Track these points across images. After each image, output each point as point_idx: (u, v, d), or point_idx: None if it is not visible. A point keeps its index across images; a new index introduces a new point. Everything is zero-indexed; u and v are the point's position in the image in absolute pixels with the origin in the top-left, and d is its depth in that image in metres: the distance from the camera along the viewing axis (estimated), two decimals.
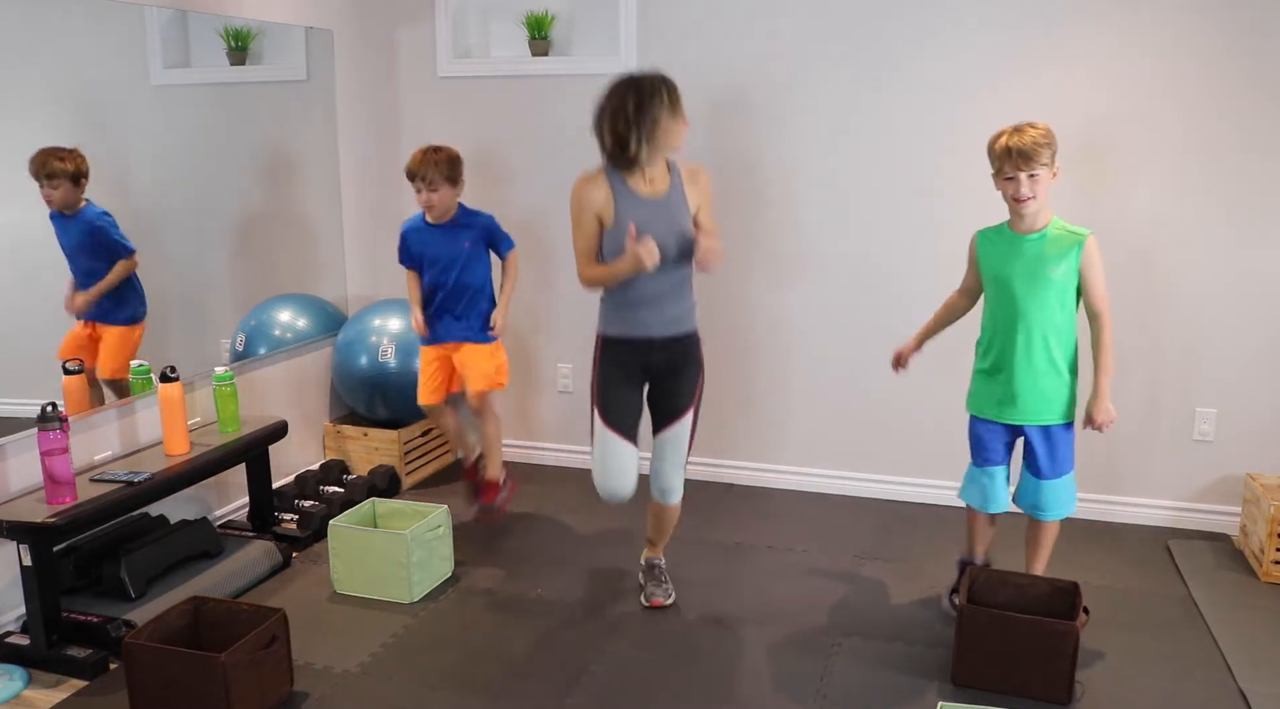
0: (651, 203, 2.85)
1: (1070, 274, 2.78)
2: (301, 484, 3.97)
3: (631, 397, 2.99)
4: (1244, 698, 2.68)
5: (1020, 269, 2.81)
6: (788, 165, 3.92)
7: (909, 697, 2.69)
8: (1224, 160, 3.50)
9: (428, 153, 3.52)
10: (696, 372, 3.02)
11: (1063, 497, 2.91)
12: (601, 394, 2.98)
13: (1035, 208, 2.77)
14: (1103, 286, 2.80)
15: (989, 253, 2.90)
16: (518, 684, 2.76)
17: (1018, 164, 2.72)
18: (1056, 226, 2.80)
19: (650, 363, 2.96)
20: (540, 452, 4.50)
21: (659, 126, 2.76)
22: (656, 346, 2.94)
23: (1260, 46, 3.39)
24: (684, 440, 3.03)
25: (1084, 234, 2.78)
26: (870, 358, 3.95)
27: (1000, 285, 2.87)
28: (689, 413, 3.01)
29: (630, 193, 2.84)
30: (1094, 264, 2.78)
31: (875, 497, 4.06)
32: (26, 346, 3.07)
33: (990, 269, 2.89)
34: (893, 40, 3.72)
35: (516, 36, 4.25)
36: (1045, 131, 2.75)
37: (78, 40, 3.15)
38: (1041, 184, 2.74)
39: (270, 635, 2.61)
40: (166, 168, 3.53)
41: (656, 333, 2.92)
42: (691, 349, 3.00)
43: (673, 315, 2.93)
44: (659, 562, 3.28)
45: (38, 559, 2.75)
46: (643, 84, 2.78)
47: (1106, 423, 2.85)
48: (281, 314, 4.06)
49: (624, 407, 2.98)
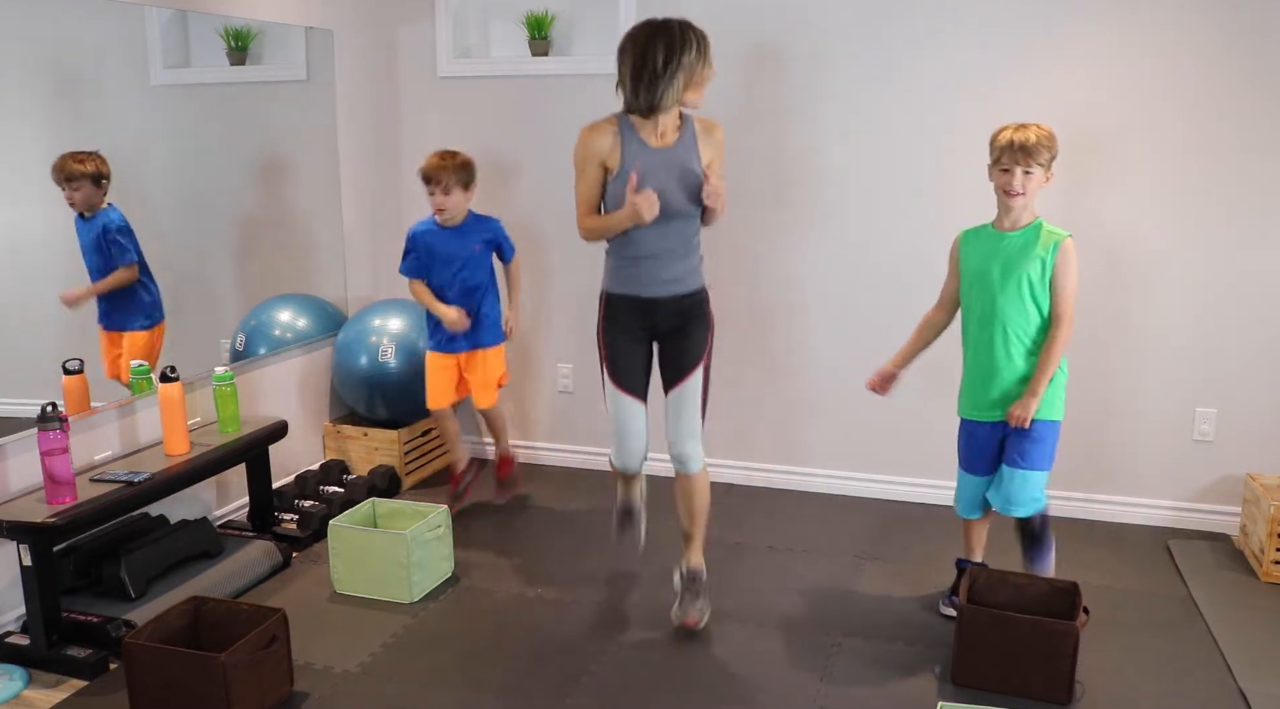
0: (660, 152, 2.81)
1: (1046, 274, 2.79)
2: (301, 484, 3.97)
3: (637, 354, 2.95)
4: (1244, 698, 2.68)
5: (998, 266, 2.85)
6: (789, 165, 3.92)
7: (909, 697, 2.69)
8: (1224, 160, 3.50)
9: (444, 157, 3.57)
10: (705, 328, 2.95)
11: (1034, 489, 2.91)
12: (609, 354, 2.96)
13: (1022, 204, 2.81)
14: (1071, 291, 2.79)
15: (970, 251, 2.94)
16: (518, 684, 2.76)
17: (1016, 157, 2.76)
18: (1038, 227, 2.82)
19: (655, 322, 2.92)
20: (540, 452, 4.50)
21: (691, 75, 2.75)
22: (661, 305, 2.89)
23: (1260, 46, 3.39)
24: (695, 398, 2.93)
25: (1062, 235, 2.80)
26: (870, 358, 3.92)
27: (979, 282, 2.90)
28: (698, 369, 2.92)
29: (640, 142, 2.81)
30: (1067, 267, 2.78)
31: (875, 497, 4.06)
32: (26, 347, 3.07)
33: (970, 266, 2.93)
34: (893, 41, 3.72)
35: (516, 36, 4.26)
36: (1049, 134, 2.79)
37: (78, 40, 3.15)
38: (1034, 182, 2.78)
39: (270, 635, 2.61)
40: (166, 168, 3.53)
41: (660, 292, 2.88)
42: (699, 306, 2.94)
43: (678, 273, 2.88)
44: (700, 570, 3.07)
45: (38, 559, 2.75)
46: (673, 31, 2.75)
47: (1021, 418, 2.82)
48: (281, 314, 4.06)
49: (632, 365, 2.95)
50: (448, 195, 3.56)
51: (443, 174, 3.54)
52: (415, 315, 3.98)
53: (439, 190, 3.55)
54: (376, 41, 4.32)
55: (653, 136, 2.82)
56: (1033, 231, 2.82)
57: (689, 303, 2.93)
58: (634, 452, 3.02)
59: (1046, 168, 2.77)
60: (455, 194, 3.57)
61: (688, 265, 2.90)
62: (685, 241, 2.88)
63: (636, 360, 2.96)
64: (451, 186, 3.55)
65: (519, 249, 3.82)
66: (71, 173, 3.09)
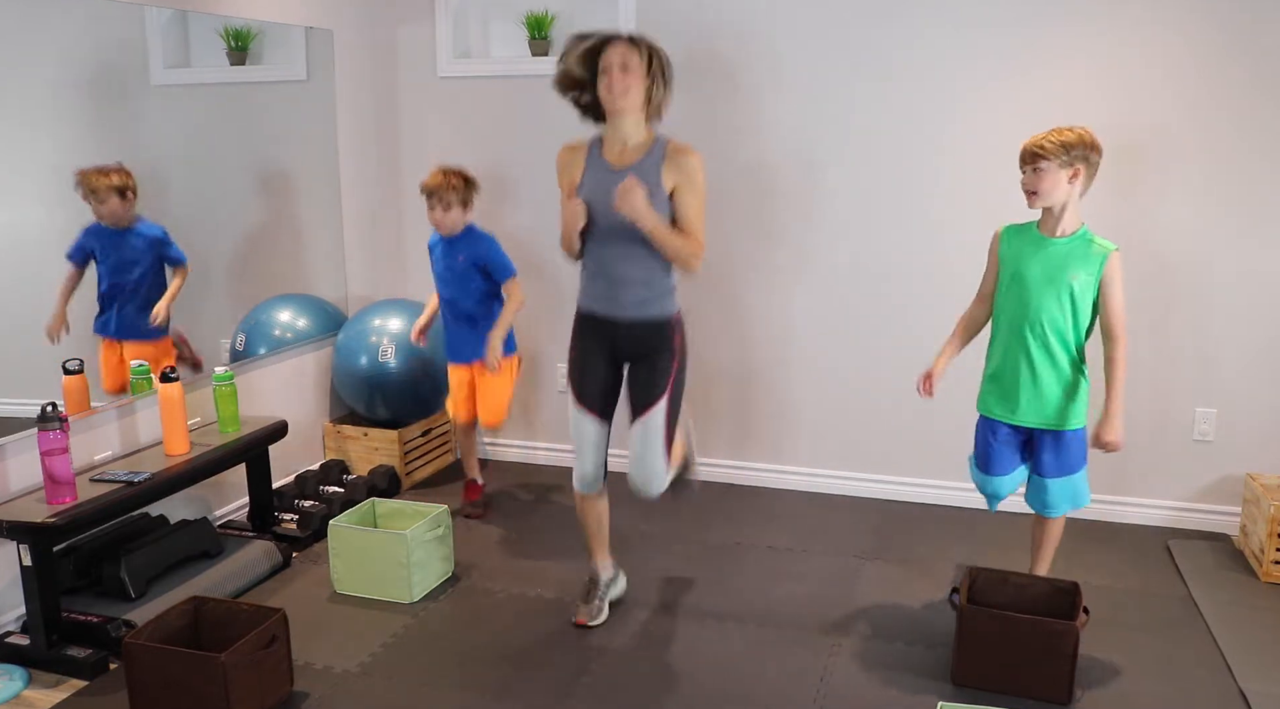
0: (615, 172, 2.80)
1: (1089, 285, 2.76)
2: (301, 484, 3.97)
3: (599, 372, 2.92)
4: (1244, 698, 2.68)
5: (1039, 270, 2.80)
6: (788, 167, 3.92)
7: (909, 697, 2.69)
8: (1225, 161, 3.50)
9: (447, 175, 3.57)
10: (670, 361, 2.87)
11: (1069, 493, 2.91)
12: (571, 368, 2.97)
13: (1041, 203, 2.77)
14: (1121, 305, 2.78)
15: (1011, 250, 2.88)
16: (518, 684, 2.76)
17: (1023, 159, 2.78)
18: (1084, 236, 2.79)
19: (618, 344, 2.90)
20: (540, 452, 4.50)
21: (568, 61, 2.79)
22: (622, 327, 2.86)
23: (1262, 47, 3.39)
24: (659, 434, 2.86)
25: (1110, 248, 2.76)
26: (871, 358, 3.95)
27: (1017, 284, 2.84)
28: (660, 403, 2.85)
29: (599, 160, 2.84)
30: (1115, 280, 2.76)
31: (875, 497, 4.06)
32: (26, 346, 3.07)
33: (1010, 266, 2.87)
34: (894, 40, 3.72)
35: (516, 36, 4.26)
36: (1060, 136, 2.73)
37: (78, 40, 3.15)
38: (1046, 180, 2.73)
39: (270, 635, 2.61)
40: (166, 167, 3.53)
41: (620, 314, 2.85)
42: (663, 335, 2.87)
43: (640, 297, 2.83)
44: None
45: (38, 559, 2.75)
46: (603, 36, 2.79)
47: (1115, 445, 2.81)
48: (281, 314, 4.06)
49: (591, 382, 2.92)
50: (447, 211, 3.58)
51: (439, 191, 3.56)
52: (415, 315, 3.98)
53: (438, 207, 3.57)
54: (376, 41, 4.32)
55: (613, 154, 2.83)
56: (1080, 241, 2.78)
57: (652, 329, 2.86)
58: (586, 466, 2.96)
59: (1065, 166, 2.72)
60: (454, 211, 3.59)
61: (652, 290, 2.84)
62: (647, 265, 2.81)
63: (597, 378, 2.93)
64: (452, 204, 3.57)
65: (518, 249, 3.82)
66: (96, 186, 3.12)
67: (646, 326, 2.86)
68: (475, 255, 3.63)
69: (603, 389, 2.94)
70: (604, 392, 2.94)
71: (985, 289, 2.98)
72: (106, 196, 3.14)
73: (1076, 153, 2.72)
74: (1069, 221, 2.79)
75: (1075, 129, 2.75)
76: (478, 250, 3.64)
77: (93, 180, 3.11)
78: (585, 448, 2.95)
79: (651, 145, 2.81)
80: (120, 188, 3.16)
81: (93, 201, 3.13)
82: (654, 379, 2.87)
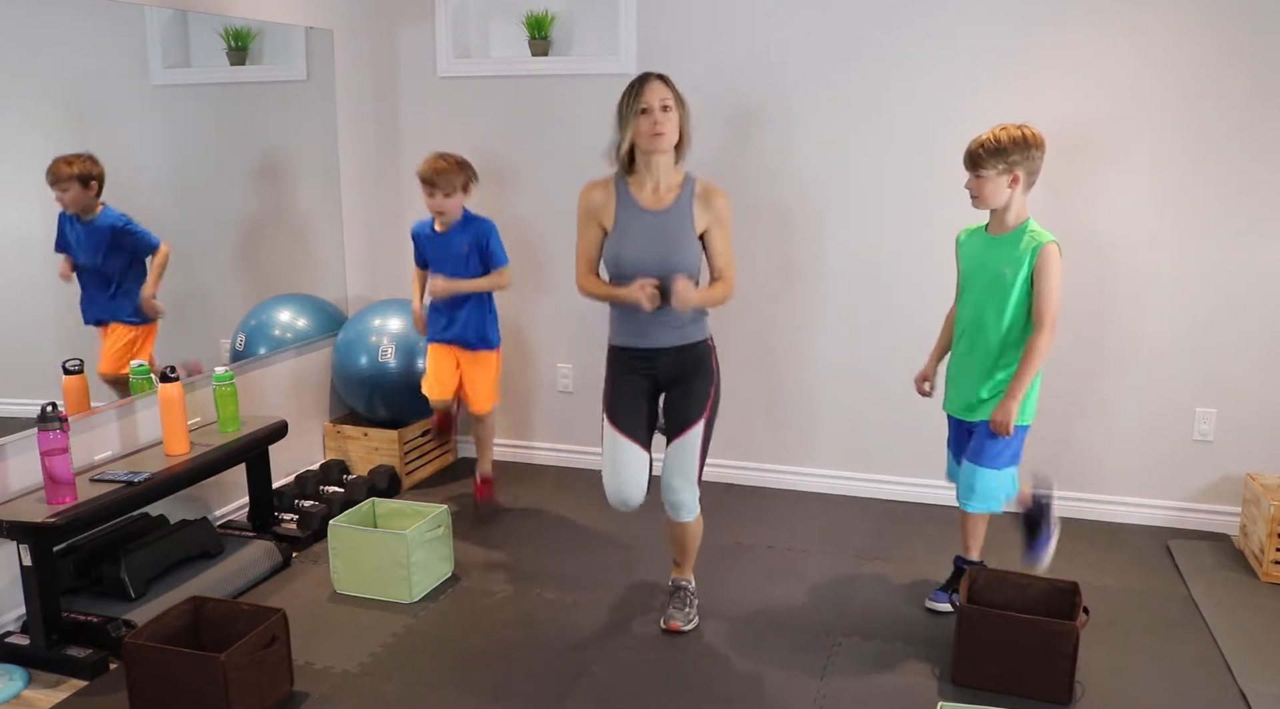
0: (651, 214, 2.80)
1: (1022, 276, 2.79)
2: (301, 484, 3.97)
3: (640, 401, 2.92)
4: (1244, 698, 2.68)
5: (982, 268, 2.87)
6: (790, 165, 3.92)
7: (909, 697, 2.69)
8: (1225, 161, 3.50)
9: (442, 159, 3.55)
10: (708, 383, 2.91)
11: (990, 488, 2.92)
12: (610, 400, 2.93)
13: (983, 207, 2.84)
14: (1051, 295, 2.77)
15: (965, 250, 2.98)
16: (518, 684, 2.76)
17: (965, 163, 2.83)
18: (1023, 229, 2.83)
19: (657, 372, 2.91)
20: (540, 452, 4.50)
21: (628, 127, 2.74)
22: (662, 355, 2.88)
23: (1263, 47, 3.39)
24: (692, 451, 2.88)
25: (1045, 239, 2.79)
26: (871, 359, 3.95)
27: (967, 283, 2.95)
28: (698, 424, 2.87)
29: (632, 201, 2.82)
30: (1047, 271, 2.76)
31: (875, 497, 4.06)
32: (26, 346, 3.07)
33: (963, 265, 2.97)
34: (897, 40, 3.72)
35: (516, 36, 4.26)
36: (1001, 138, 2.76)
37: (78, 40, 3.15)
38: (987, 186, 2.80)
39: (270, 635, 2.61)
40: (166, 168, 3.53)
41: (661, 343, 2.86)
42: (700, 358, 2.91)
43: (677, 324, 2.85)
44: (685, 583, 3.11)
45: (38, 559, 2.75)
46: (635, 81, 2.76)
47: (1001, 424, 2.81)
48: (281, 314, 4.06)
49: (632, 411, 2.90)
50: (448, 198, 3.55)
51: (441, 177, 3.52)
52: None
53: (438, 193, 3.54)
54: (376, 41, 4.32)
55: (646, 195, 2.82)
56: (1018, 234, 2.83)
57: (690, 354, 2.89)
58: (630, 493, 2.90)
59: (1003, 172, 2.77)
60: (455, 197, 3.56)
61: (687, 318, 2.85)
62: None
63: (638, 406, 2.91)
64: (451, 189, 3.54)
65: (517, 250, 3.81)
66: (59, 174, 3.08)
67: (686, 352, 2.89)
68: (478, 240, 3.62)
69: (643, 417, 2.93)
70: (644, 420, 2.93)
71: (958, 291, 3.06)
72: (68, 185, 3.10)
73: (1015, 157, 2.76)
74: (1012, 218, 2.84)
75: (1013, 129, 2.77)
76: (481, 235, 3.63)
77: (57, 168, 3.08)
78: (621, 471, 2.88)
79: (683, 185, 2.82)
80: (82, 176, 3.12)
81: (56, 189, 3.09)
82: (691, 402, 2.89)
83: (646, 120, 2.71)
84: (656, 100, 2.71)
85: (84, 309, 3.26)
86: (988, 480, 2.91)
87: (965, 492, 2.98)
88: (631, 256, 2.79)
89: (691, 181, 2.83)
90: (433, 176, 3.53)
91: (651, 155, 2.76)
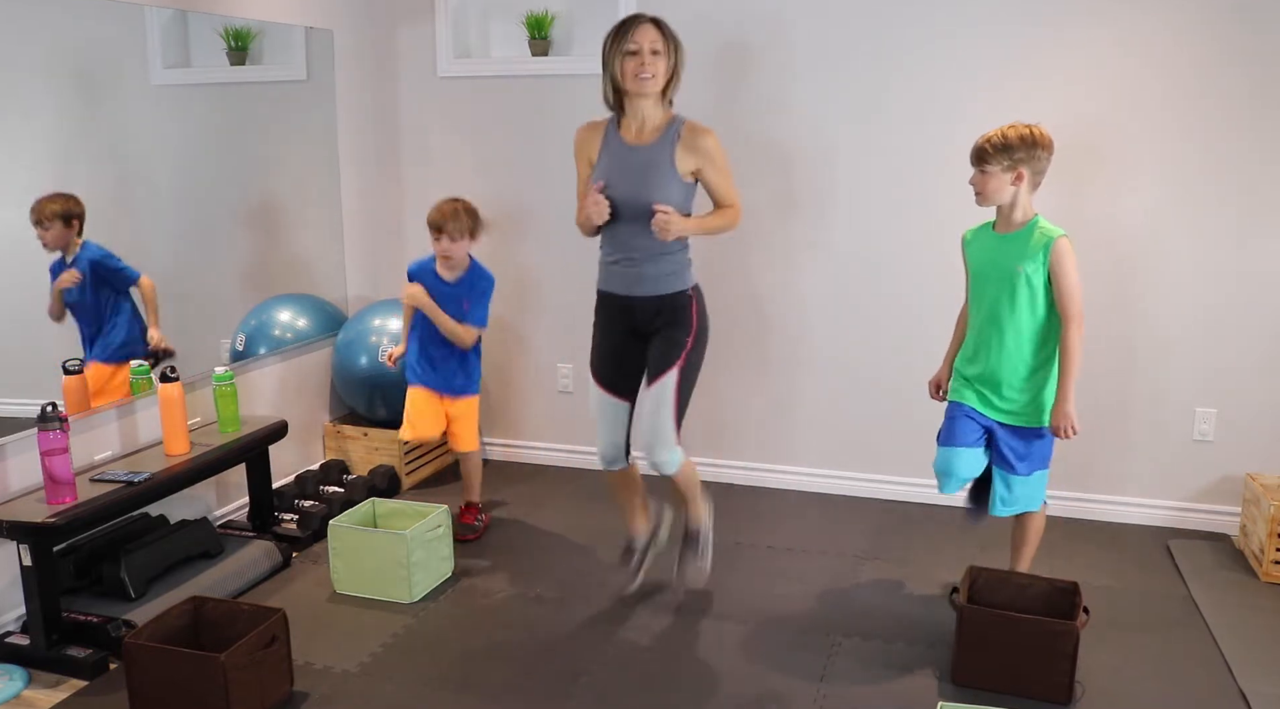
0: (629, 149, 2.82)
1: (1038, 274, 2.79)
2: (301, 484, 3.97)
3: (619, 351, 2.95)
4: (1244, 698, 2.68)
5: (995, 267, 2.86)
6: (789, 163, 3.92)
7: (909, 697, 2.69)
8: (1225, 161, 3.50)
9: (453, 204, 3.51)
10: (686, 332, 2.89)
11: (1030, 493, 2.93)
12: (593, 348, 3.00)
13: (986, 203, 2.85)
14: (1073, 289, 2.77)
15: (972, 251, 2.97)
16: (518, 684, 2.76)
17: (971, 159, 2.83)
18: (1031, 227, 2.83)
19: (636, 321, 2.92)
20: (540, 452, 4.50)
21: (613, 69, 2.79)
22: (639, 305, 2.89)
23: (1262, 47, 3.39)
24: (667, 399, 2.86)
25: (1054, 235, 2.78)
26: (870, 358, 3.95)
27: (978, 282, 2.93)
28: (672, 370, 2.86)
29: (617, 138, 2.84)
30: (1062, 265, 2.76)
31: (875, 497, 4.06)
32: (26, 347, 3.07)
33: (972, 266, 2.96)
34: (901, 38, 3.72)
35: (516, 36, 4.26)
36: (1007, 136, 2.77)
37: (78, 40, 3.15)
38: (991, 183, 2.80)
39: (270, 635, 2.61)
40: (167, 168, 3.53)
41: (637, 291, 2.87)
42: (680, 309, 2.90)
43: (654, 272, 2.86)
44: (698, 528, 3.11)
45: (38, 559, 2.75)
46: (624, 20, 2.80)
47: (1064, 428, 2.80)
48: (281, 314, 4.06)
49: (611, 361, 2.95)
50: (455, 243, 3.50)
51: (452, 223, 3.47)
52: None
53: (446, 238, 3.48)
54: (376, 41, 4.32)
55: (630, 133, 2.84)
56: (1027, 232, 2.82)
57: (669, 304, 2.90)
58: (608, 444, 3.00)
59: (1008, 170, 2.77)
60: (461, 242, 3.51)
61: (666, 266, 2.87)
62: (661, 242, 2.83)
63: (618, 357, 2.96)
64: (459, 235, 3.49)
65: (519, 249, 3.81)
66: (43, 212, 3.05)
67: (665, 301, 2.89)
68: (474, 291, 3.58)
69: (621, 367, 2.96)
70: (623, 369, 2.96)
71: (968, 291, 3.04)
72: (51, 222, 3.06)
73: (1019, 155, 2.76)
74: (1019, 216, 2.84)
75: (1021, 128, 2.78)
76: (480, 288, 3.60)
77: (41, 207, 3.04)
78: (604, 424, 2.99)
79: (668, 125, 2.84)
80: (64, 215, 3.09)
81: (39, 229, 3.06)
82: (668, 350, 2.89)
83: (634, 62, 2.74)
84: (646, 43, 2.74)
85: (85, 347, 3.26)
86: (1036, 483, 2.92)
87: (1010, 502, 2.93)
88: (614, 190, 2.81)
89: (678, 122, 2.85)
90: (441, 221, 3.49)
91: (638, 97, 2.79)
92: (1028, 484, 2.91)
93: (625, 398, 2.97)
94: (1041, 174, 2.83)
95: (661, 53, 2.76)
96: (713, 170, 2.87)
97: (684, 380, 2.90)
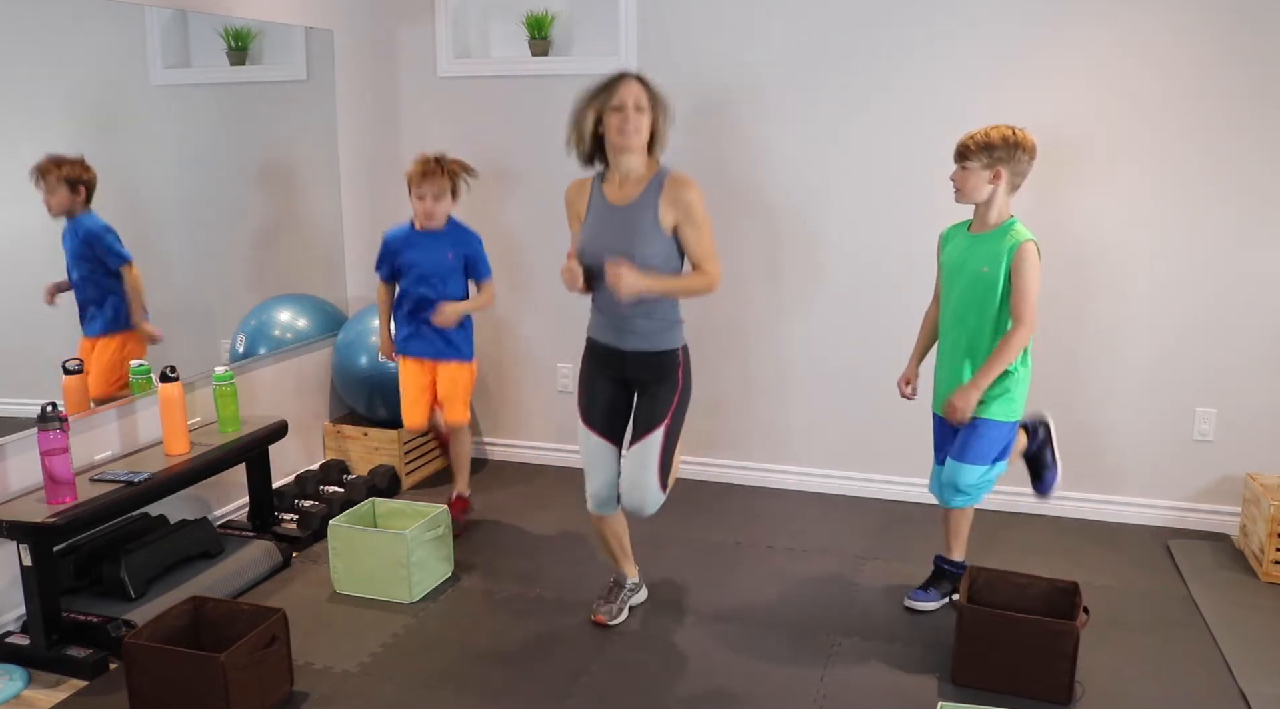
0: (612, 208, 2.79)
1: (999, 274, 2.81)
2: (301, 484, 3.97)
3: (607, 395, 2.93)
4: (1244, 698, 2.68)
5: (965, 267, 2.89)
6: (788, 165, 3.92)
7: (909, 697, 2.69)
8: (1225, 162, 3.50)
9: (435, 162, 3.51)
10: (672, 391, 2.87)
11: (973, 485, 2.94)
12: (580, 391, 2.99)
13: (963, 200, 2.88)
14: (1027, 292, 2.78)
15: (946, 248, 3.01)
16: (518, 684, 2.76)
17: (955, 156, 2.87)
18: (1004, 228, 2.85)
19: (624, 372, 2.90)
20: (540, 452, 4.50)
21: (584, 123, 2.77)
22: (628, 358, 2.87)
23: (1262, 47, 3.39)
24: (649, 457, 2.84)
25: (1023, 237, 2.80)
26: (870, 358, 3.95)
27: (949, 280, 2.97)
28: (658, 431, 2.84)
29: (601, 196, 2.82)
30: (1023, 269, 2.78)
31: (875, 497, 4.06)
32: (26, 347, 3.07)
33: (945, 265, 2.99)
34: (894, 41, 3.72)
35: (516, 36, 4.26)
36: (989, 136, 2.80)
37: (78, 40, 3.15)
38: (970, 179, 2.84)
39: (270, 635, 2.61)
40: (166, 168, 3.53)
41: (625, 345, 2.86)
42: (666, 367, 2.87)
43: (643, 329, 2.82)
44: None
45: (38, 559, 2.75)
46: (611, 78, 2.77)
47: (955, 411, 2.85)
48: (281, 314, 4.06)
49: (600, 404, 2.94)
50: (438, 201, 3.50)
51: (434, 179, 3.48)
52: None
53: (430, 195, 3.49)
54: (376, 41, 4.32)
55: (613, 190, 2.81)
56: (1000, 232, 2.84)
57: (656, 362, 2.87)
58: (601, 485, 2.94)
59: (986, 167, 2.80)
60: (445, 201, 3.52)
61: (654, 323, 2.83)
62: (650, 299, 2.78)
63: (606, 402, 2.93)
64: (441, 192, 3.50)
65: (515, 249, 3.81)
66: (48, 176, 3.04)
67: (653, 358, 2.87)
68: (468, 252, 3.59)
69: (610, 412, 2.94)
70: (611, 415, 2.94)
71: (937, 290, 3.08)
72: (55, 187, 3.05)
73: (999, 154, 2.79)
74: (994, 217, 2.87)
75: (1005, 129, 2.81)
76: (469, 247, 3.59)
77: (46, 167, 3.03)
78: (595, 468, 2.95)
79: (651, 178, 2.79)
80: (71, 180, 3.08)
81: (43, 191, 3.05)
82: (654, 409, 2.88)
83: (619, 117, 2.73)
84: (631, 99, 2.72)
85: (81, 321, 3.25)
86: (971, 477, 2.93)
87: (948, 489, 2.99)
88: (591, 250, 2.80)
89: (662, 174, 2.80)
90: (423, 177, 3.49)
91: (622, 153, 2.78)
92: (969, 473, 2.92)
93: (616, 443, 2.96)
94: (1021, 176, 2.86)
95: (645, 109, 2.74)
96: (690, 226, 2.76)
97: (669, 439, 2.88)
